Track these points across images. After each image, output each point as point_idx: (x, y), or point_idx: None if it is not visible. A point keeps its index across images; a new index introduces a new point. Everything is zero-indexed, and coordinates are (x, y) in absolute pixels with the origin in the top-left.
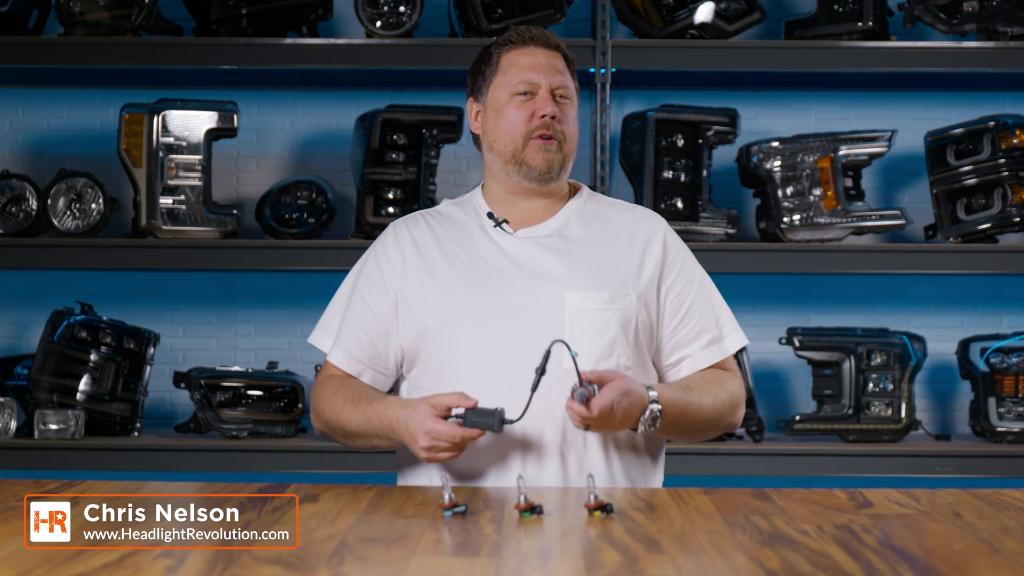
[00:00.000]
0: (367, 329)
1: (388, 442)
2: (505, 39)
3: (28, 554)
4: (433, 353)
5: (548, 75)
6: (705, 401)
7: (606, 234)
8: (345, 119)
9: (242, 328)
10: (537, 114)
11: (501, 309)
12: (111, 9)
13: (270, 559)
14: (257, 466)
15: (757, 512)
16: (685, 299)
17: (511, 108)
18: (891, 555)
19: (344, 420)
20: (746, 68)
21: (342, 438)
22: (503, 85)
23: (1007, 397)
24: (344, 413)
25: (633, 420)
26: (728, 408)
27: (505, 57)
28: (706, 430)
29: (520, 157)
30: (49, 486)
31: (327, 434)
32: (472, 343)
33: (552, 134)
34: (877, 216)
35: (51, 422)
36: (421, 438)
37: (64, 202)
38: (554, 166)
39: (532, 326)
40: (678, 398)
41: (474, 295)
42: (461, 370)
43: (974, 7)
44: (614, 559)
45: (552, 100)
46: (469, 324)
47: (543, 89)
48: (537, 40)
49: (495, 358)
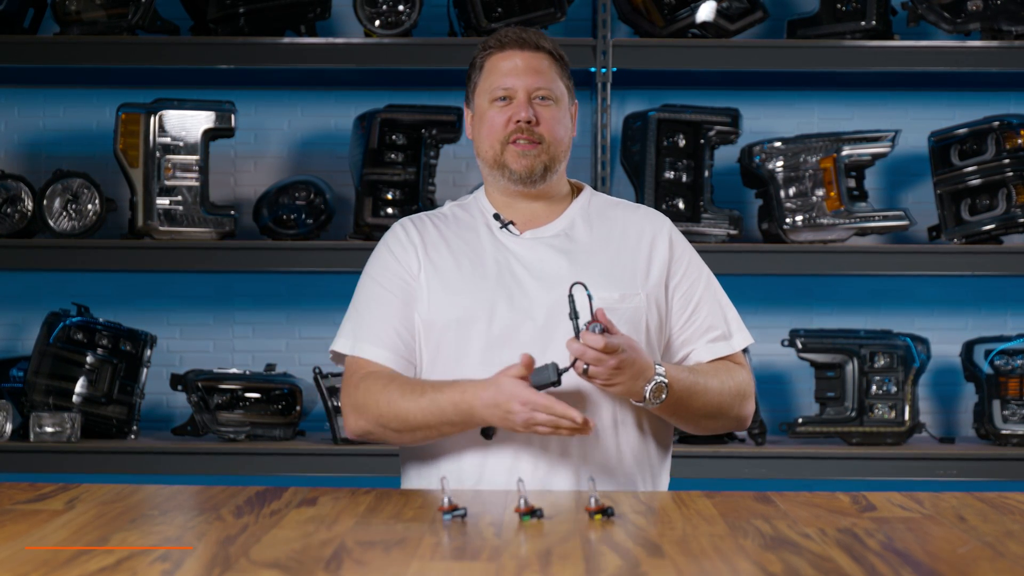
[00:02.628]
0: (401, 319)
1: (460, 428)
2: (486, 43)
3: (25, 557)
4: (441, 353)
5: (526, 78)
6: (712, 384)
7: (612, 234)
8: (344, 119)
9: (240, 330)
10: (512, 119)
11: (511, 310)
12: (107, 8)
13: (268, 563)
14: (255, 469)
15: (759, 516)
16: (692, 297)
17: (491, 114)
18: (894, 559)
19: (406, 411)
20: (748, 68)
21: (396, 433)
22: (484, 91)
23: (1012, 400)
24: (406, 404)
25: (638, 388)
26: (736, 396)
27: (487, 62)
28: (714, 416)
29: (501, 161)
30: (45, 489)
31: (370, 433)
32: (482, 343)
33: (530, 138)
34: (880, 217)
35: (47, 425)
36: (518, 410)
37: (60, 203)
38: (535, 169)
39: (542, 327)
40: (684, 376)
41: (483, 296)
42: (471, 371)
43: (978, 6)
44: (615, 563)
45: (528, 104)
46: (479, 325)
47: (520, 93)
48: (514, 43)
49: (506, 359)
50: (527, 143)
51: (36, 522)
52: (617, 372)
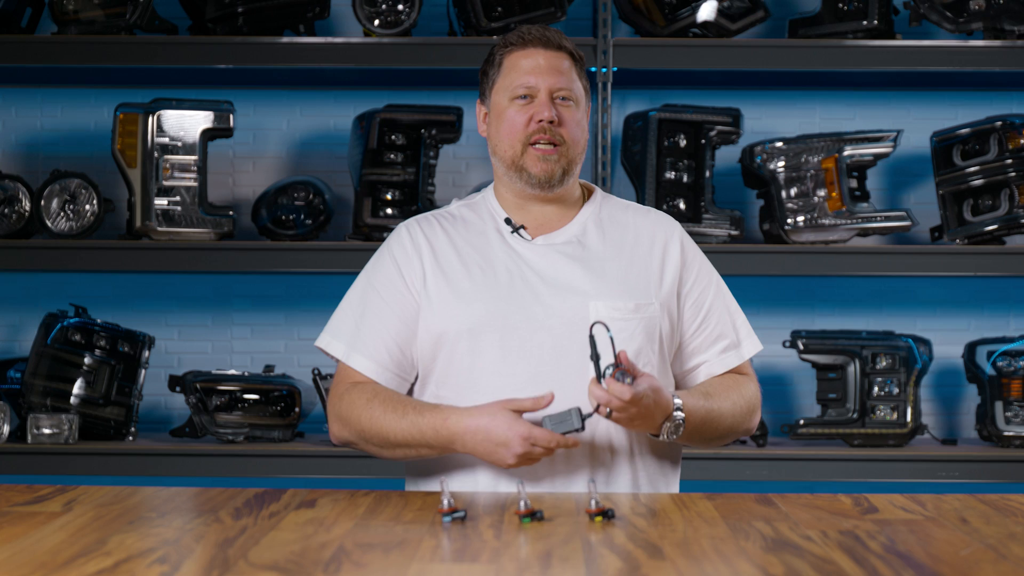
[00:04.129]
0: (394, 335)
1: (438, 452)
2: (507, 39)
3: (22, 559)
4: (454, 362)
5: (548, 77)
6: (725, 408)
7: (625, 240)
8: (343, 119)
9: (238, 331)
10: (535, 118)
11: (525, 319)
12: (105, 7)
13: (266, 565)
14: (253, 471)
15: (761, 518)
16: (703, 305)
17: (510, 112)
18: (896, 561)
19: (387, 430)
20: (749, 67)
21: (377, 448)
22: (504, 88)
23: (1014, 401)
24: (386, 422)
25: (656, 424)
26: (747, 414)
27: (507, 59)
28: (724, 437)
29: (520, 163)
30: (42, 491)
31: (353, 443)
32: (496, 353)
33: (551, 139)
34: (882, 217)
35: (44, 426)
36: (516, 445)
37: (58, 203)
38: (555, 174)
39: (557, 337)
40: (700, 406)
41: (497, 304)
42: (484, 380)
43: (981, 5)
44: (615, 565)
45: (551, 104)
46: (492, 334)
47: (542, 92)
48: (538, 41)
49: (519, 369)
50: (548, 145)
51: (34, 524)
52: (637, 412)
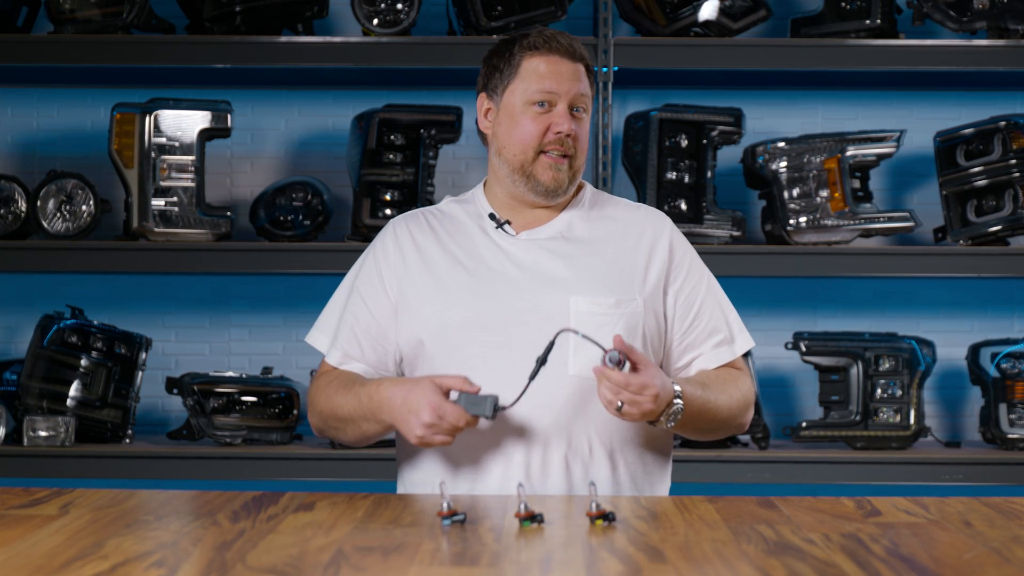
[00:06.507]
0: (365, 330)
1: (377, 426)
2: (531, 42)
3: (18, 563)
4: (436, 357)
5: (569, 88)
6: (721, 400)
7: (611, 235)
8: (341, 119)
9: (236, 332)
10: (553, 129)
11: (505, 314)
12: (102, 7)
13: (264, 569)
14: (251, 474)
15: (763, 521)
16: (694, 301)
17: (526, 118)
18: (900, 565)
19: (336, 406)
20: (751, 67)
21: (335, 430)
22: (520, 91)
23: (1018, 403)
24: (336, 399)
25: (657, 413)
26: (741, 409)
27: (527, 61)
28: (717, 430)
29: (528, 170)
30: (39, 494)
31: (324, 431)
32: (476, 348)
33: (566, 151)
34: (885, 218)
35: (41, 429)
36: (425, 413)
37: (54, 204)
38: (563, 184)
39: (537, 331)
40: (697, 395)
41: (477, 300)
42: (467, 374)
43: (984, 4)
44: (616, 569)
45: (569, 116)
46: (472, 329)
47: (562, 103)
48: (563, 49)
49: (499, 364)
50: (560, 156)
51: (30, 527)
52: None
